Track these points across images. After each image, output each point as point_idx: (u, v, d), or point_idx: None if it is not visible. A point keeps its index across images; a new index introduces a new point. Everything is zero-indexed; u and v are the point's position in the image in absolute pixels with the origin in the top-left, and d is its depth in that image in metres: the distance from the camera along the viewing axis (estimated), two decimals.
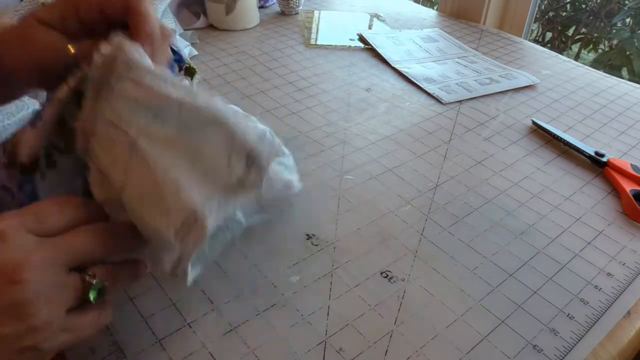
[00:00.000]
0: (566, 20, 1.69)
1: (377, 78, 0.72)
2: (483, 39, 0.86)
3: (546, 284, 0.40)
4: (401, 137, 0.58)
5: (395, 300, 0.38)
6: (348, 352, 0.35)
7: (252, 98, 0.65)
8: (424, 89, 0.69)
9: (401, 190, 0.50)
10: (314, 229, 0.45)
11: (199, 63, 0.73)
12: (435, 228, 0.45)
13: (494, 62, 0.77)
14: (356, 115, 0.62)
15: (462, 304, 0.38)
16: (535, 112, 0.65)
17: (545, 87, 0.71)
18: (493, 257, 0.43)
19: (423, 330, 0.36)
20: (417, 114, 0.63)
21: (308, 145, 0.56)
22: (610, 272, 0.42)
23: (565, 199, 0.50)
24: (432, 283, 0.40)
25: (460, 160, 0.55)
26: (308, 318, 0.37)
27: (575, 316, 0.38)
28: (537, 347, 0.35)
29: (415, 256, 0.42)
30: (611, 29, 1.57)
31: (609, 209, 0.49)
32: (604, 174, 0.53)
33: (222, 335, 0.35)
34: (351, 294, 0.39)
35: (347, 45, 0.82)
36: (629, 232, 0.46)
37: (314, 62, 0.75)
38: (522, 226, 0.46)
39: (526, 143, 0.58)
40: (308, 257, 0.42)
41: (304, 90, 0.67)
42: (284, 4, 0.92)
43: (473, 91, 0.68)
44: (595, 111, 0.66)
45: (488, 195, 0.50)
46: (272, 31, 0.86)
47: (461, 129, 0.60)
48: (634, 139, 0.60)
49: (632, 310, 0.39)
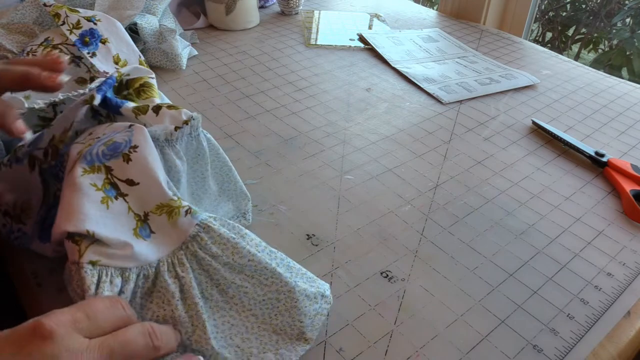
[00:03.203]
0: (566, 20, 1.69)
1: (377, 78, 0.72)
2: (483, 39, 0.86)
3: (546, 284, 0.40)
4: (401, 137, 0.58)
5: (395, 300, 0.38)
6: (348, 352, 0.35)
7: (252, 98, 0.65)
8: (424, 89, 0.69)
9: (401, 190, 0.50)
10: (314, 229, 0.45)
11: (199, 63, 0.73)
12: (435, 228, 0.45)
13: (494, 62, 0.77)
14: (356, 115, 0.62)
15: (462, 304, 0.38)
16: (535, 112, 0.65)
17: (545, 87, 0.71)
18: (493, 257, 0.43)
19: (423, 330, 0.36)
20: (417, 114, 0.63)
21: (308, 145, 0.56)
22: (610, 272, 0.42)
23: (565, 199, 0.50)
24: (432, 283, 0.40)
25: (460, 160, 0.55)
26: None
27: (575, 316, 0.38)
28: (537, 347, 0.35)
29: (415, 256, 0.42)
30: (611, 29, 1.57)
31: (609, 209, 0.49)
32: (604, 174, 0.53)
33: None
34: (351, 294, 0.39)
35: (347, 45, 0.82)
36: (629, 232, 0.46)
37: (314, 62, 0.75)
38: (522, 226, 0.46)
39: (526, 143, 0.58)
40: (308, 257, 0.42)
41: (304, 90, 0.67)
42: (284, 4, 0.91)
43: (473, 91, 0.68)
44: (595, 111, 0.66)
45: (488, 195, 0.50)
46: (272, 31, 0.86)
47: (461, 129, 0.60)
48: (634, 139, 0.60)
49: (632, 310, 0.39)
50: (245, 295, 0.33)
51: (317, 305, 0.34)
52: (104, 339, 0.26)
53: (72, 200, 0.31)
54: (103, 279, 0.30)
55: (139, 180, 0.33)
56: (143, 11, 0.67)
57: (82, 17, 0.55)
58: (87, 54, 0.54)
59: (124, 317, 0.28)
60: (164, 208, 0.33)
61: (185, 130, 0.36)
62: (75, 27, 0.54)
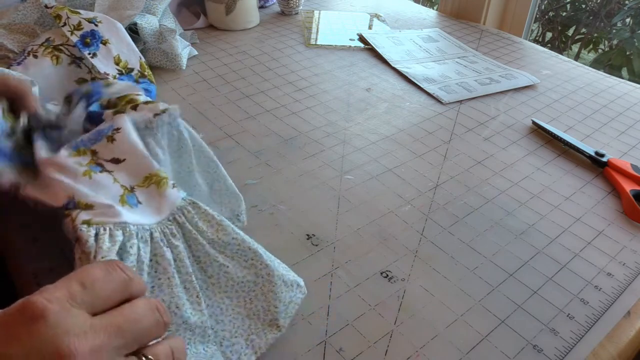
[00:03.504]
0: (566, 20, 1.69)
1: (377, 78, 0.72)
2: (483, 39, 0.86)
3: (546, 284, 0.40)
4: (401, 137, 0.58)
5: (395, 300, 0.39)
6: (348, 352, 0.35)
7: (252, 98, 0.65)
8: (424, 89, 0.69)
9: (401, 190, 0.50)
10: (314, 229, 0.45)
11: (199, 63, 0.73)
12: (435, 228, 0.45)
13: (494, 62, 0.77)
14: (356, 115, 0.62)
15: (462, 304, 0.38)
16: (535, 112, 0.65)
17: (545, 87, 0.71)
18: (493, 257, 0.43)
19: (423, 330, 0.36)
20: (417, 114, 0.63)
21: (308, 145, 0.56)
22: (610, 272, 0.42)
23: (565, 199, 0.50)
24: (432, 283, 0.40)
25: (460, 160, 0.55)
26: (308, 318, 0.37)
27: (575, 316, 0.38)
28: (537, 347, 0.35)
29: (415, 256, 0.42)
30: (611, 29, 1.57)
31: (609, 209, 0.49)
32: (604, 174, 0.53)
33: None
34: (351, 294, 0.39)
35: (347, 45, 0.82)
36: (629, 232, 0.46)
37: (314, 62, 0.75)
38: (522, 226, 0.46)
39: (526, 143, 0.58)
40: (308, 257, 0.42)
41: (304, 90, 0.67)
42: (284, 4, 0.92)
43: (473, 91, 0.68)
44: (595, 111, 0.66)
45: (488, 195, 0.50)
46: (272, 31, 0.86)
47: (461, 129, 0.60)
48: (634, 139, 0.60)
49: (632, 310, 0.39)
50: (225, 275, 0.34)
51: (292, 293, 0.35)
52: (109, 316, 0.22)
53: (55, 176, 0.31)
54: (101, 232, 0.29)
55: (125, 157, 0.33)
56: (143, 11, 0.67)
57: (83, 19, 0.55)
58: (88, 55, 0.54)
59: (125, 280, 0.24)
60: (152, 178, 0.33)
61: (164, 118, 0.36)
62: (77, 28, 0.54)
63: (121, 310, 0.23)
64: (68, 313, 0.21)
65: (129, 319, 0.23)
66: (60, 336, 0.20)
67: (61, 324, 0.20)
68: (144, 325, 0.23)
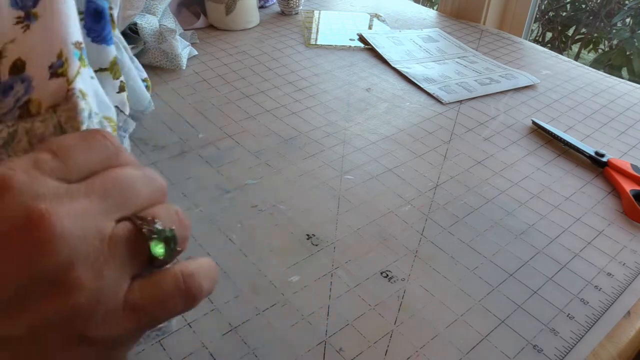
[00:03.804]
0: (566, 20, 1.69)
1: (377, 78, 0.72)
2: (483, 39, 0.86)
3: (546, 284, 0.40)
4: (401, 137, 0.58)
5: (395, 300, 0.38)
6: (348, 352, 0.35)
7: (252, 98, 0.65)
8: (424, 89, 0.69)
9: (401, 190, 0.50)
10: (314, 229, 0.45)
11: (199, 63, 0.73)
12: (435, 228, 0.45)
13: (494, 62, 0.77)
14: (356, 115, 0.62)
15: (462, 304, 0.38)
16: (535, 112, 0.65)
17: (545, 87, 0.71)
18: (493, 257, 0.43)
19: (423, 330, 0.36)
20: (417, 114, 0.63)
21: (308, 145, 0.56)
22: (610, 272, 0.42)
23: (565, 199, 0.50)
24: (432, 283, 0.40)
25: (460, 160, 0.55)
26: (308, 318, 0.37)
27: (575, 316, 0.38)
28: (537, 347, 0.35)
29: (415, 256, 0.42)
30: (611, 29, 1.57)
31: (609, 209, 0.49)
32: (604, 174, 0.53)
33: (222, 335, 0.35)
34: (351, 294, 0.39)
35: (347, 45, 0.82)
36: (629, 232, 0.46)
37: (314, 62, 0.75)
38: (522, 226, 0.46)
39: (526, 143, 0.58)
40: (308, 257, 0.42)
41: (304, 90, 0.67)
42: (284, 4, 0.92)
43: (473, 91, 0.68)
44: (595, 111, 0.66)
45: (488, 195, 0.50)
46: (272, 31, 0.86)
47: (461, 129, 0.60)
48: (634, 139, 0.60)
49: (632, 310, 0.39)
50: None
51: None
52: (90, 180, 0.19)
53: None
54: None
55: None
56: (143, 11, 0.67)
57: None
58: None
59: (108, 148, 0.20)
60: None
61: None
62: None
63: (104, 173, 0.19)
64: (38, 180, 0.18)
65: (116, 180, 0.19)
66: (30, 201, 0.17)
67: (30, 190, 0.17)
68: (136, 186, 0.20)
